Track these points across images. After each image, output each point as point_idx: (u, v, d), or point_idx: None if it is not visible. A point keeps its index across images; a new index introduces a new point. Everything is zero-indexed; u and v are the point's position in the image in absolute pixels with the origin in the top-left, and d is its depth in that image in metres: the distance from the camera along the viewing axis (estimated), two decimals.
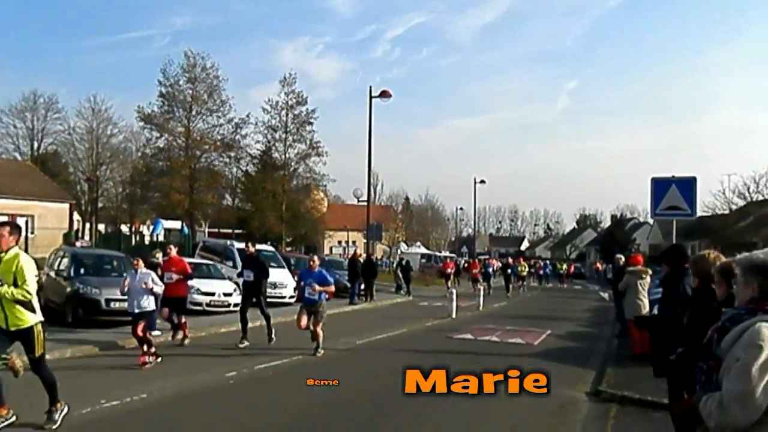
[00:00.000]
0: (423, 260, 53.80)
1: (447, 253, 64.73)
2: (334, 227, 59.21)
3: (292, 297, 22.65)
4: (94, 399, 8.23)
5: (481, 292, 27.25)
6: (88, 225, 56.49)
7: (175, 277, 13.56)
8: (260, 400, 8.85)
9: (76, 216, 59.00)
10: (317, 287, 12.64)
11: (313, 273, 12.98)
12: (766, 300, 3.02)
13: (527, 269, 43.37)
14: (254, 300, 14.29)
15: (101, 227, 58.06)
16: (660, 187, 12.23)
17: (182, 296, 14.13)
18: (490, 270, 38.83)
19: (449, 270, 39.04)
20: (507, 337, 16.19)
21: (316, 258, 13.67)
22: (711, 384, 3.01)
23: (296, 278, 23.02)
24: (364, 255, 28.66)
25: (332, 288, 13.17)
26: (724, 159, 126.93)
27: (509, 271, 36.89)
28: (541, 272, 54.03)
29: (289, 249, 43.10)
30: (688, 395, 3.77)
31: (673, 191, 12.04)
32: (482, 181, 58.28)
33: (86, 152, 53.21)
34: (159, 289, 11.70)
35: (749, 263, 3.13)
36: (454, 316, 21.05)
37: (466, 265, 48.48)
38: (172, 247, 14.86)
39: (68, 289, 15.54)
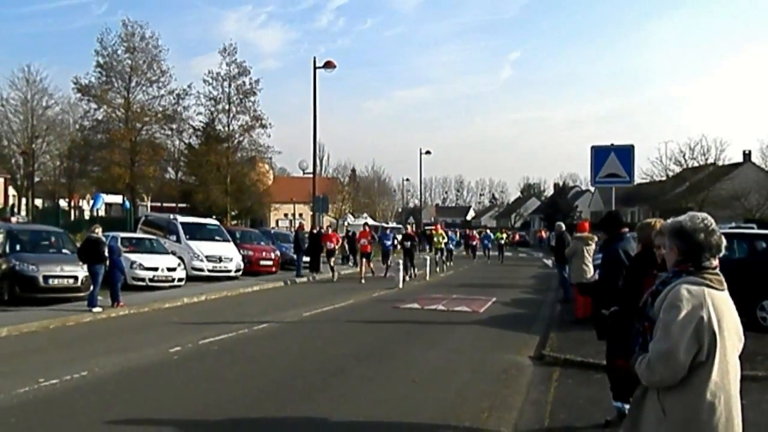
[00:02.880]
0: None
1: (393, 224, 64.96)
2: (280, 200, 58.63)
3: (238, 270, 22.49)
4: (32, 378, 8.02)
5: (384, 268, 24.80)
6: (24, 200, 54.70)
7: None
8: (205, 375, 8.74)
9: (11, 191, 57.14)
10: None
11: None
12: (687, 262, 3.12)
13: (445, 240, 32.12)
14: None
15: (38, 202, 56.29)
16: (600, 155, 12.44)
17: None
18: (388, 243, 27.25)
19: (331, 244, 25.65)
20: (453, 306, 16.37)
21: None
22: (646, 345, 3.10)
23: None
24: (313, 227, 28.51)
25: None
26: (661, 127, 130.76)
27: (409, 243, 25.59)
28: (475, 243, 44.58)
29: (234, 222, 42.55)
30: (621, 355, 3.87)
31: (612, 159, 12.27)
32: (428, 152, 58.60)
33: (21, 124, 51.19)
34: None
35: (672, 228, 3.23)
36: (401, 286, 21.18)
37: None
38: None
39: (3, 266, 15.00)
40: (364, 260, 24.43)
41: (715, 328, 2.93)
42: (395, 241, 32.11)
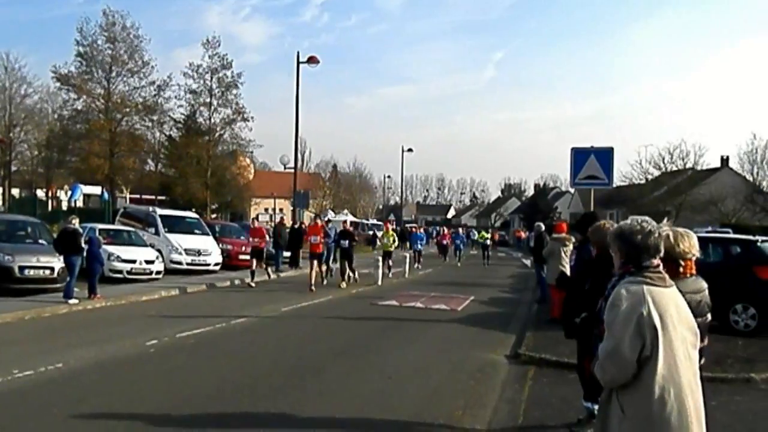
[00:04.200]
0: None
1: (374, 221, 65.00)
2: (260, 194, 58.49)
3: (216, 264, 22.41)
4: (6, 369, 7.95)
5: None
6: (0, 189, 53.98)
7: None
8: (181, 368, 8.71)
9: None
10: None
11: None
12: (629, 263, 3.26)
13: (395, 240, 26.49)
14: None
15: (15, 192, 55.56)
16: (579, 156, 12.56)
17: None
18: (329, 240, 22.02)
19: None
20: (431, 304, 16.44)
21: None
22: None
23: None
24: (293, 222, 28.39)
25: None
26: (641, 130, 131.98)
27: (347, 242, 20.88)
28: (446, 242, 39.35)
29: (214, 216, 42.38)
30: (588, 356, 3.95)
31: (591, 161, 12.39)
32: (410, 150, 58.72)
33: None
34: None
35: (613, 233, 3.39)
36: (379, 283, 21.19)
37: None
38: None
39: None
40: (314, 263, 19.06)
41: (656, 323, 3.02)
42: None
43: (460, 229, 46.96)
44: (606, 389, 3.28)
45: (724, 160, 51.09)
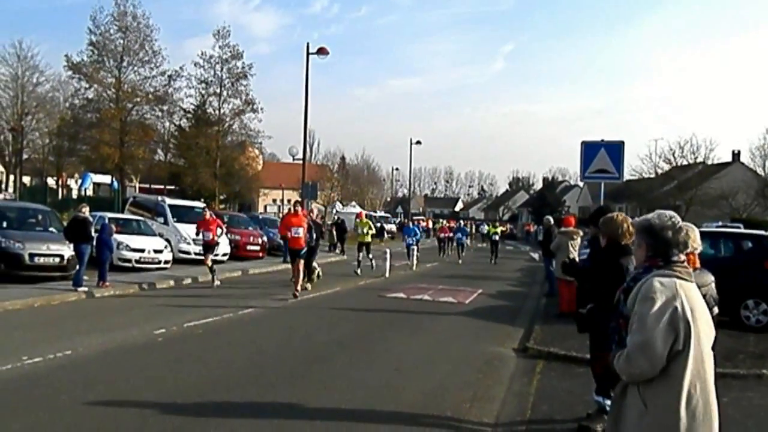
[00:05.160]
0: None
1: (382, 213, 64.96)
2: (269, 185, 58.47)
3: (224, 255, 22.41)
4: (16, 355, 8.00)
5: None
6: (12, 177, 54.25)
7: None
8: (188, 356, 8.72)
9: None
10: None
11: None
12: (656, 257, 3.23)
13: (373, 231, 24.11)
14: None
15: (26, 180, 55.84)
16: (590, 150, 12.48)
17: None
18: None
19: (209, 234, 17.49)
20: (439, 296, 16.41)
21: None
22: (623, 342, 3.16)
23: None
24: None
25: None
26: (652, 124, 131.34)
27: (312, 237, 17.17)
28: (444, 236, 36.00)
29: (222, 207, 42.46)
30: (599, 351, 3.90)
31: (602, 155, 12.31)
32: (418, 142, 58.50)
33: (10, 101, 50.57)
34: None
35: (640, 226, 3.35)
36: (387, 275, 21.18)
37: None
38: None
39: None
40: (298, 261, 15.53)
41: (689, 318, 3.00)
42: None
43: (462, 222, 45.74)
44: (621, 383, 3.24)
45: (736, 155, 50.82)
